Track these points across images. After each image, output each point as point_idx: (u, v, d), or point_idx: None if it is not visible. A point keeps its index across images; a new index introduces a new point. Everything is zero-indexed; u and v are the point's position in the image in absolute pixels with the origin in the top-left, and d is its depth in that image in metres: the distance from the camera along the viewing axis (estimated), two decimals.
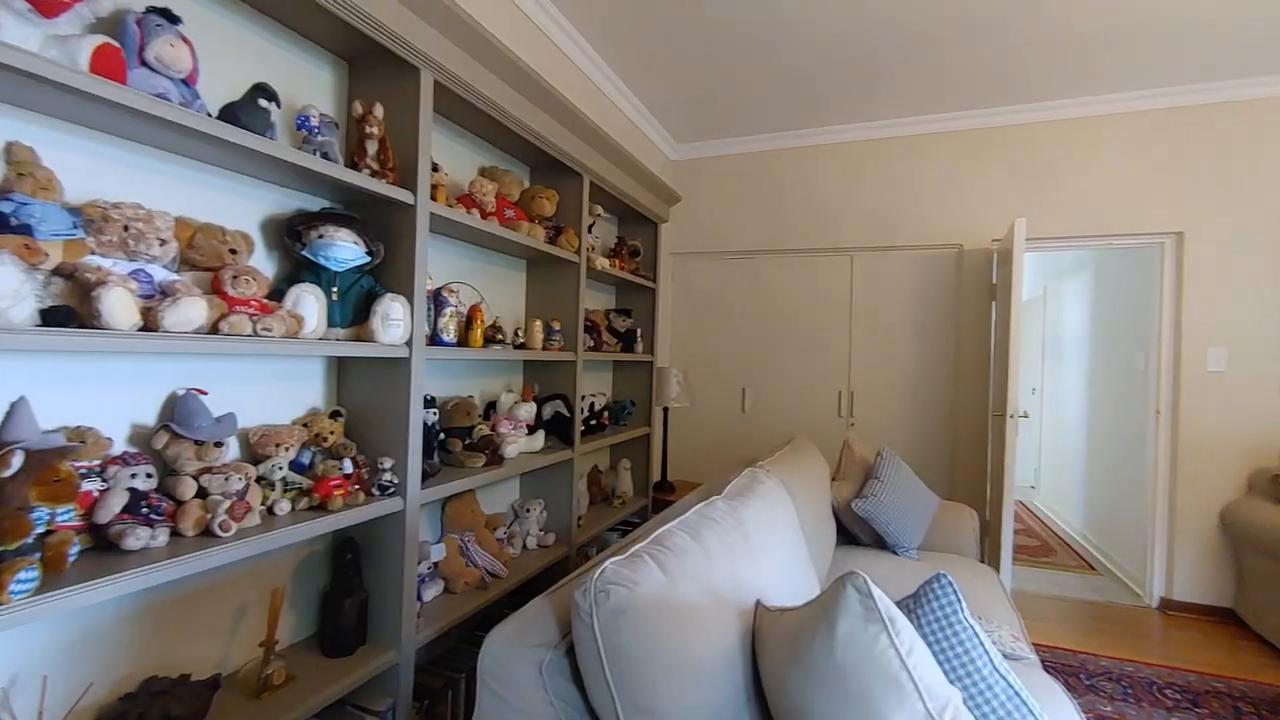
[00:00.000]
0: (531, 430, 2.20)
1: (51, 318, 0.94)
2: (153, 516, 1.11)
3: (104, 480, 1.10)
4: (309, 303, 1.32)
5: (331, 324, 1.44)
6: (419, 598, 1.70)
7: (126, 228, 1.06)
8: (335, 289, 1.45)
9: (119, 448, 1.19)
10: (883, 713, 0.88)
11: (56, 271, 0.98)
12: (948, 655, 1.10)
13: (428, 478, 1.68)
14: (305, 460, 1.46)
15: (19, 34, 0.92)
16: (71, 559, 0.99)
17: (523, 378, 2.50)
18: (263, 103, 1.23)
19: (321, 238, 1.41)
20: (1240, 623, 3.09)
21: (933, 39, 2.76)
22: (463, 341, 1.90)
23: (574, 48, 2.85)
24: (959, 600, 1.13)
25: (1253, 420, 3.14)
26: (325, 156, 1.36)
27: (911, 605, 1.17)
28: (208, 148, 1.22)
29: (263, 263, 1.44)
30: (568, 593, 1.19)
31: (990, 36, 2.72)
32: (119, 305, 0.97)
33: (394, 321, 1.46)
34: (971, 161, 3.60)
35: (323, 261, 1.42)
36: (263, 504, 1.29)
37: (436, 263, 2.02)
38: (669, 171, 4.21)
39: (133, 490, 1.10)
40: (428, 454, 1.72)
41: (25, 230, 0.95)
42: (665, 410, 3.49)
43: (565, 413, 2.36)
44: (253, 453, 1.38)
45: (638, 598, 1.03)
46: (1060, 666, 2.60)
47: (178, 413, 1.22)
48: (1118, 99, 3.29)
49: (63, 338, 0.94)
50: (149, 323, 1.04)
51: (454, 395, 2.04)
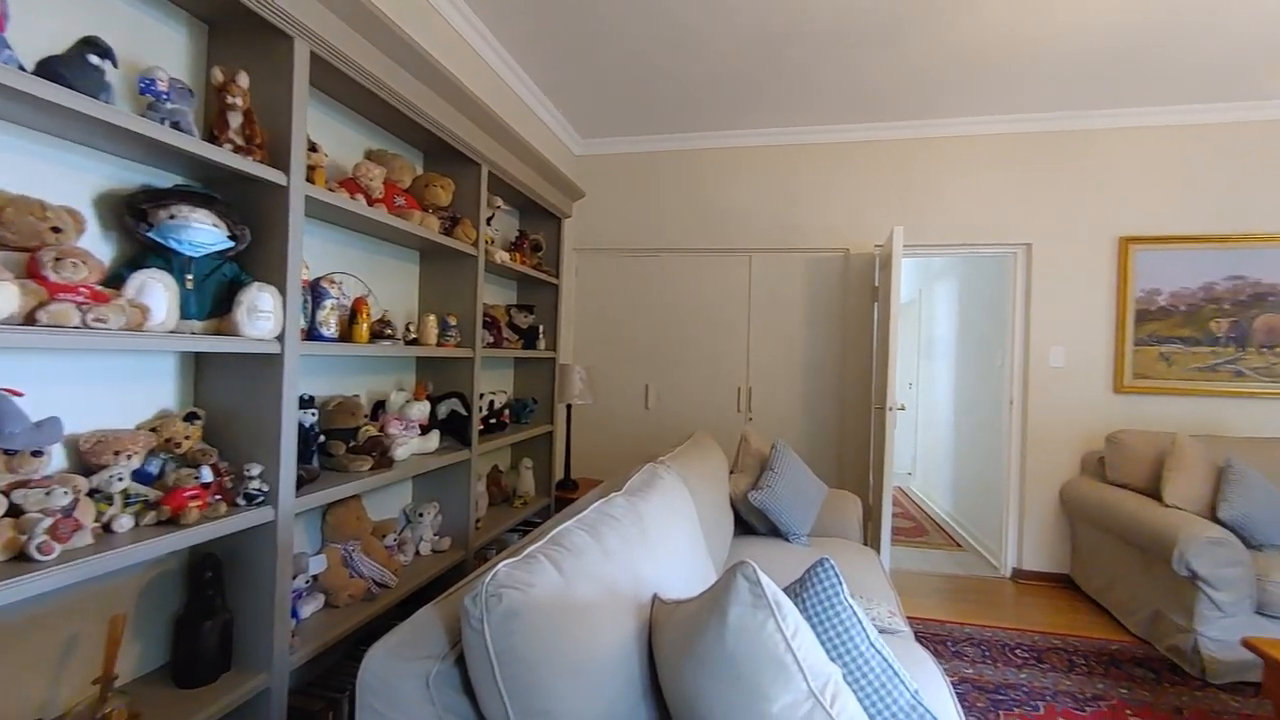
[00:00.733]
0: (425, 430, 2.10)
1: None
2: None
3: None
4: (156, 291, 1.17)
5: (186, 316, 1.28)
6: (294, 615, 1.56)
7: None
8: (190, 276, 1.29)
9: None
10: (770, 694, 0.91)
11: None
12: (830, 635, 1.17)
13: (304, 484, 1.54)
14: (154, 469, 1.30)
15: None
16: None
17: (415, 375, 2.37)
18: (94, 60, 1.07)
19: (173, 218, 1.25)
20: (1075, 586, 3.53)
21: (833, 55, 2.91)
22: (346, 337, 1.77)
23: (474, 33, 2.74)
24: (840, 583, 1.19)
25: (1085, 410, 3.60)
26: (176, 126, 1.21)
27: (798, 590, 1.23)
28: (22, 108, 1.04)
29: (97, 244, 1.26)
30: (458, 599, 1.14)
31: (881, 58, 2.92)
32: None
33: (262, 313, 1.33)
34: (859, 171, 3.86)
35: (175, 245, 1.26)
36: (97, 520, 1.13)
37: (316, 251, 1.87)
38: (573, 166, 4.17)
39: None
40: (305, 458, 1.59)
41: None
42: (568, 408, 3.46)
43: (462, 411, 2.27)
44: (85, 462, 1.20)
45: (532, 600, 1.00)
46: (931, 636, 2.85)
47: None
48: (980, 122, 3.65)
49: None
50: None
51: (336, 395, 1.90)
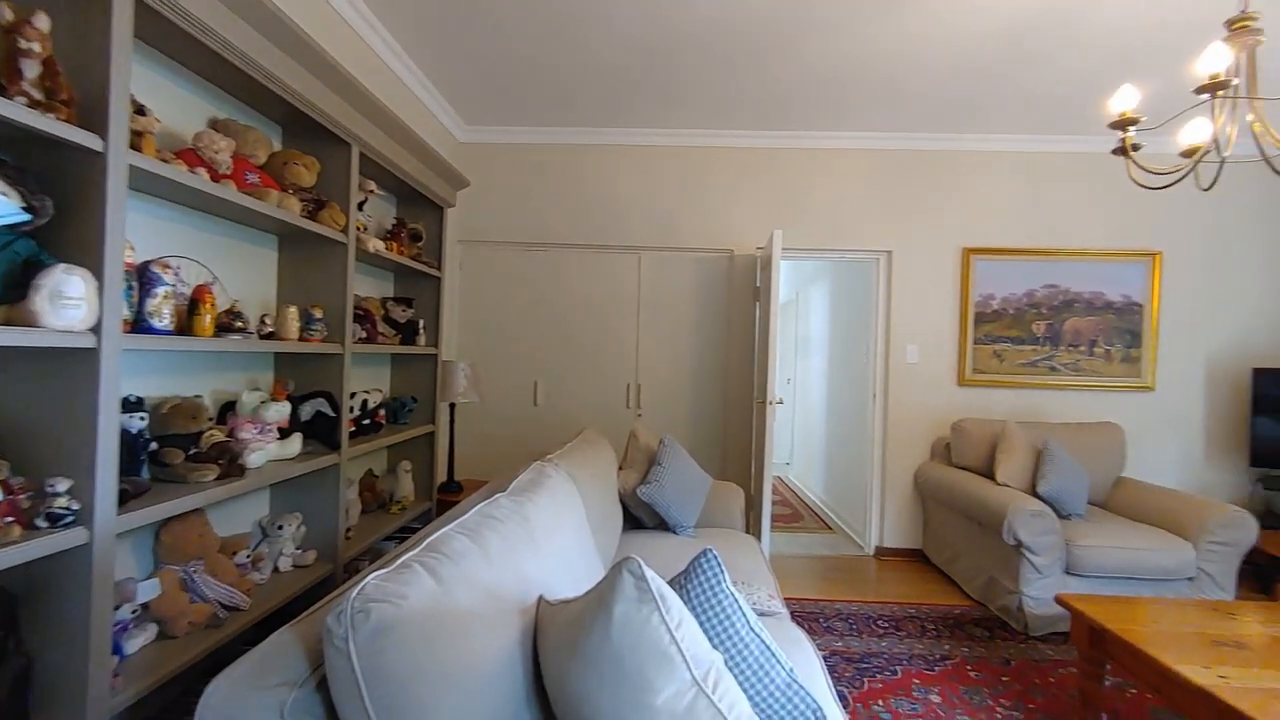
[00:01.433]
0: (285, 434, 1.90)
1: None
2: None
3: None
4: None
5: None
6: (118, 650, 1.34)
7: None
8: None
9: None
10: (655, 686, 0.92)
11: None
12: (712, 623, 1.20)
13: (130, 499, 1.33)
14: None
15: None
16: None
17: (274, 373, 2.14)
18: None
19: None
20: (927, 560, 3.94)
21: (711, 65, 3.00)
22: (185, 329, 1.56)
23: (349, 8, 2.52)
24: (722, 572, 1.23)
25: (935, 401, 4.02)
26: None
27: (682, 581, 1.25)
28: None
29: None
30: (321, 618, 1.04)
31: (755, 71, 3.05)
32: None
33: (70, 301, 1.13)
34: (744, 176, 4.03)
35: None
36: None
37: (146, 231, 1.62)
38: (457, 153, 3.99)
39: None
40: (131, 469, 1.38)
41: None
42: (451, 406, 3.30)
43: (329, 412, 2.08)
44: None
45: (405, 613, 0.94)
46: (806, 614, 3.05)
47: None
48: (849, 137, 3.95)
49: None
50: None
51: (173, 395, 1.66)
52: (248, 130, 1.81)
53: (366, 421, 2.47)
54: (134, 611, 1.43)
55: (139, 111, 1.36)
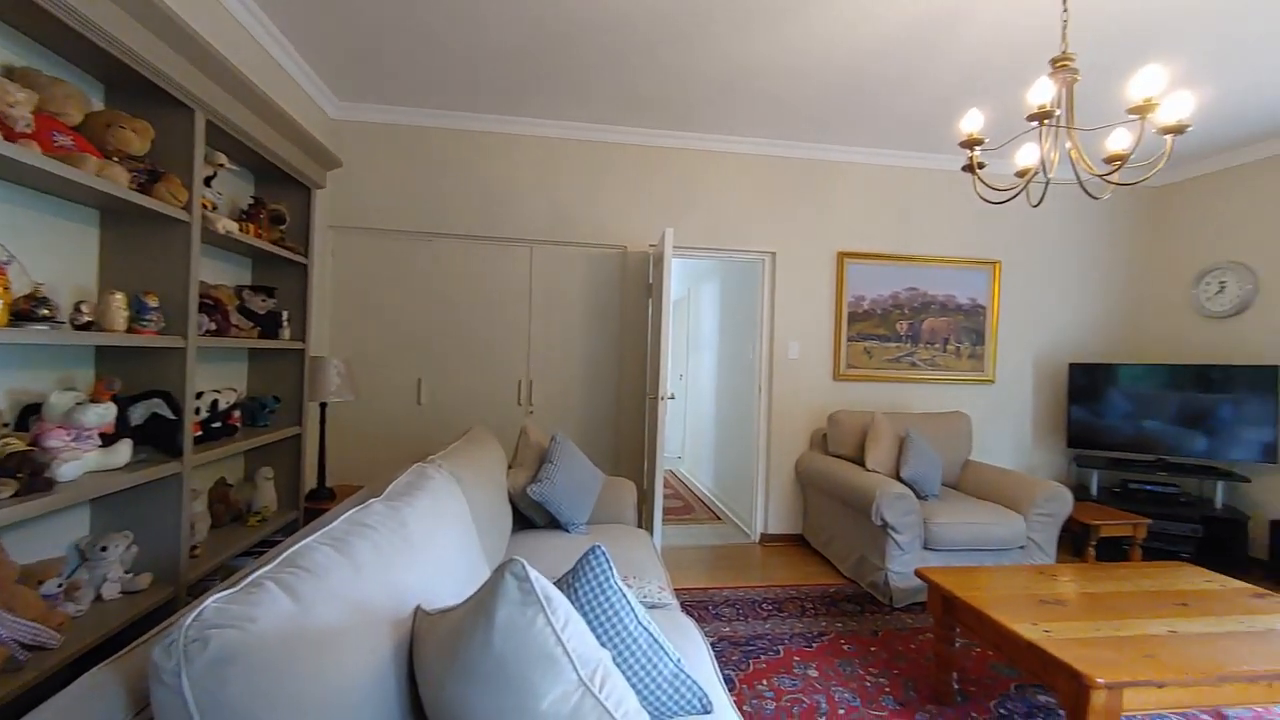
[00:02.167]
0: (110, 440, 1.63)
1: None
2: None
3: None
4: None
5: None
6: None
7: None
8: None
9: None
10: (540, 690, 0.89)
11: None
12: (600, 620, 1.18)
13: None
14: None
15: None
16: None
17: (94, 370, 1.84)
18: None
19: None
20: (806, 543, 4.19)
21: (606, 58, 2.98)
22: None
23: None
24: (610, 568, 1.21)
25: (814, 394, 4.28)
26: None
27: (570, 580, 1.22)
28: None
29: None
30: (147, 651, 0.91)
31: (654, 65, 3.07)
32: None
33: None
34: (638, 173, 4.05)
35: None
36: None
37: None
38: (328, 130, 3.66)
39: None
40: None
41: None
42: (322, 406, 3.03)
43: (168, 415, 1.82)
44: None
45: (254, 638, 0.84)
46: (695, 603, 3.13)
47: None
48: (739, 141, 4.09)
49: None
50: None
51: None
52: (56, 83, 1.53)
53: (217, 425, 2.19)
54: None
55: None
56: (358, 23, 2.76)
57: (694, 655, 1.66)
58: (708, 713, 1.27)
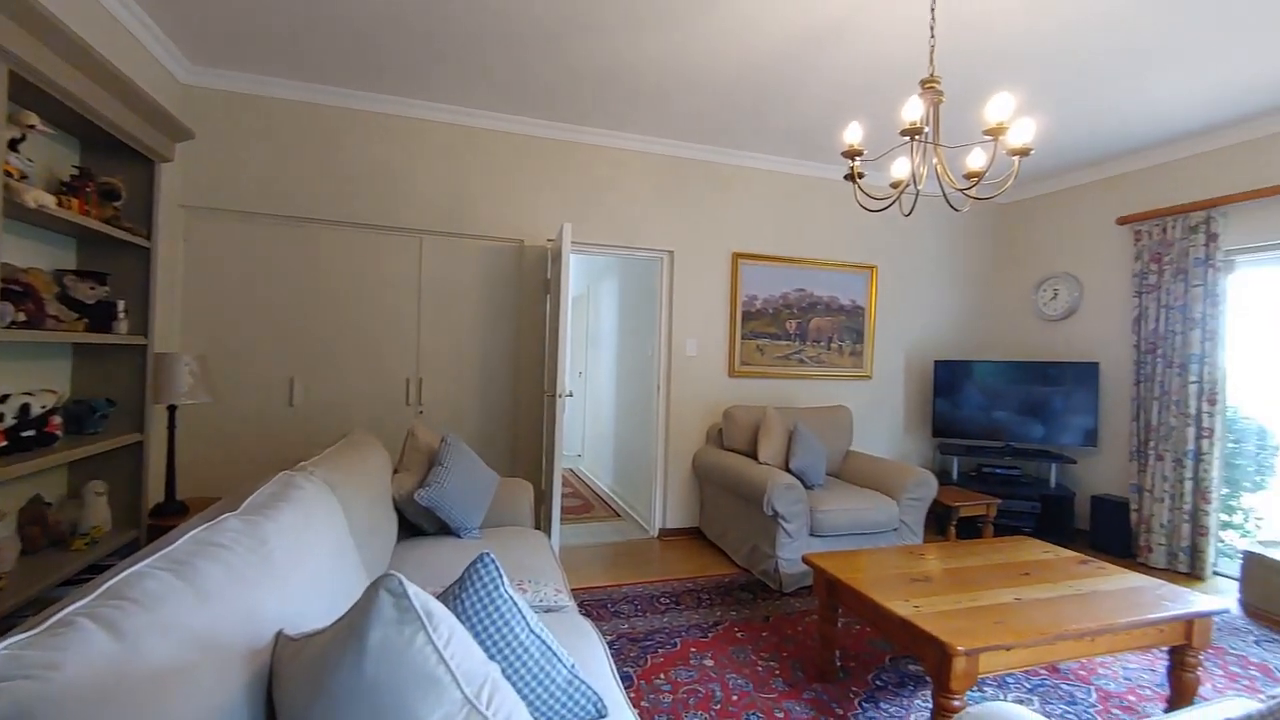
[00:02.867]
0: None
1: None
2: None
3: None
4: None
5: None
6: None
7: None
8: None
9: None
10: (420, 714, 0.83)
11: None
12: (489, 631, 1.11)
13: None
14: None
15: None
16: None
17: None
18: None
19: None
20: (703, 536, 4.30)
21: (503, 45, 2.86)
22: None
23: None
24: (500, 576, 1.15)
25: (710, 390, 4.40)
26: None
27: (456, 591, 1.14)
28: None
29: None
30: None
31: (554, 55, 2.98)
32: None
33: None
34: (537, 166, 3.93)
35: None
36: None
37: None
38: (178, 97, 3.23)
39: None
40: None
41: None
42: (171, 410, 2.68)
43: None
44: None
45: (57, 689, 0.71)
46: (595, 603, 3.10)
47: None
48: (640, 139, 4.10)
49: None
50: None
51: None
52: None
53: (30, 433, 1.86)
54: None
55: None
56: None
57: (590, 657, 1.62)
58: (602, 716, 1.24)
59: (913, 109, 2.11)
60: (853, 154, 2.36)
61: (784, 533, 3.28)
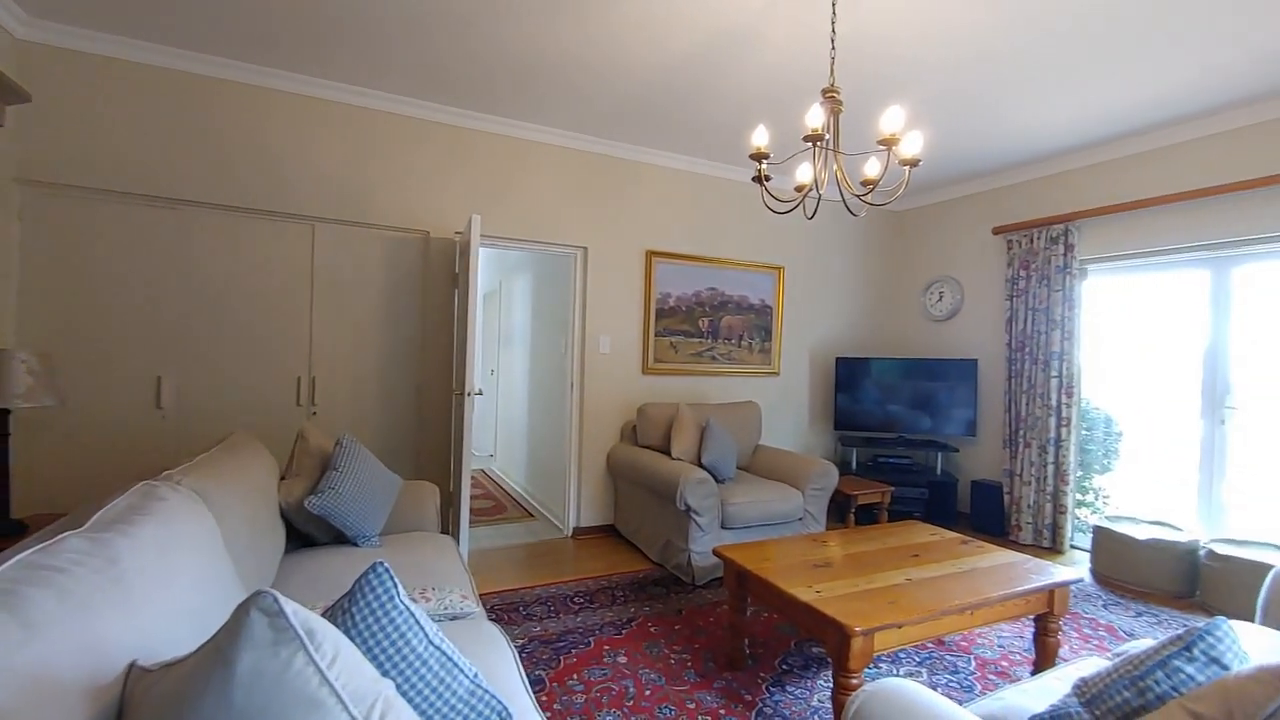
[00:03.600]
0: None
1: None
2: None
3: None
4: None
5: None
6: None
7: None
8: None
9: None
10: None
11: None
12: (383, 645, 1.04)
13: None
14: None
15: None
16: None
17: None
18: None
19: None
20: (618, 533, 4.29)
21: (407, 22, 2.69)
22: None
23: None
24: (395, 586, 1.07)
25: (624, 388, 4.40)
26: None
27: (345, 604, 1.06)
28: None
29: None
30: None
31: (461, 38, 2.85)
32: None
33: None
34: (444, 154, 3.76)
35: None
36: None
37: None
38: (11, 52, 2.81)
39: None
40: None
41: None
42: (4, 414, 2.32)
43: None
44: None
45: None
46: (505, 607, 3.01)
47: None
48: (552, 132, 4.02)
49: None
50: None
51: None
52: None
53: None
54: None
55: None
56: None
57: (498, 663, 1.56)
58: None
59: (815, 116, 2.20)
60: (759, 156, 2.43)
61: (696, 526, 3.34)
